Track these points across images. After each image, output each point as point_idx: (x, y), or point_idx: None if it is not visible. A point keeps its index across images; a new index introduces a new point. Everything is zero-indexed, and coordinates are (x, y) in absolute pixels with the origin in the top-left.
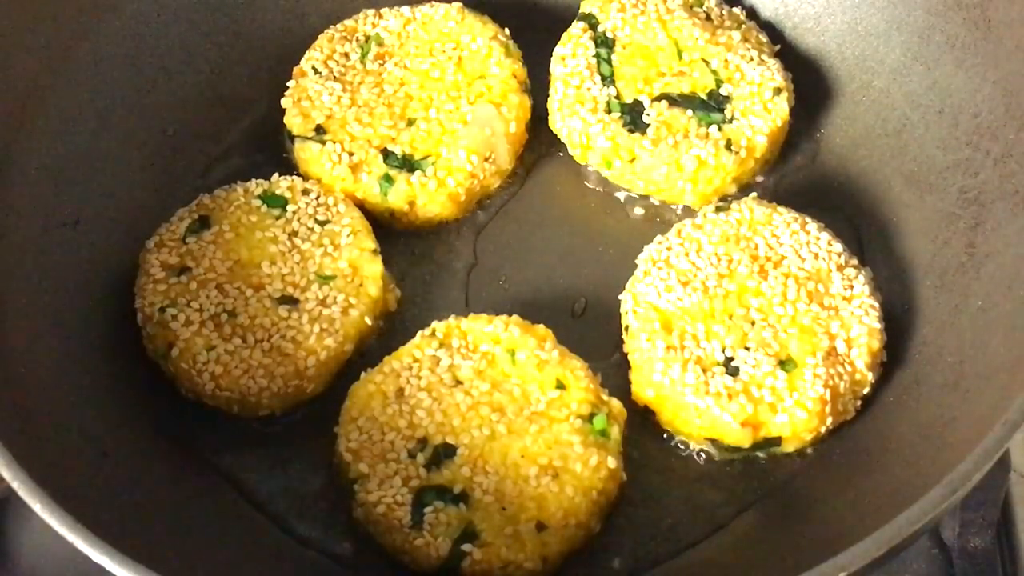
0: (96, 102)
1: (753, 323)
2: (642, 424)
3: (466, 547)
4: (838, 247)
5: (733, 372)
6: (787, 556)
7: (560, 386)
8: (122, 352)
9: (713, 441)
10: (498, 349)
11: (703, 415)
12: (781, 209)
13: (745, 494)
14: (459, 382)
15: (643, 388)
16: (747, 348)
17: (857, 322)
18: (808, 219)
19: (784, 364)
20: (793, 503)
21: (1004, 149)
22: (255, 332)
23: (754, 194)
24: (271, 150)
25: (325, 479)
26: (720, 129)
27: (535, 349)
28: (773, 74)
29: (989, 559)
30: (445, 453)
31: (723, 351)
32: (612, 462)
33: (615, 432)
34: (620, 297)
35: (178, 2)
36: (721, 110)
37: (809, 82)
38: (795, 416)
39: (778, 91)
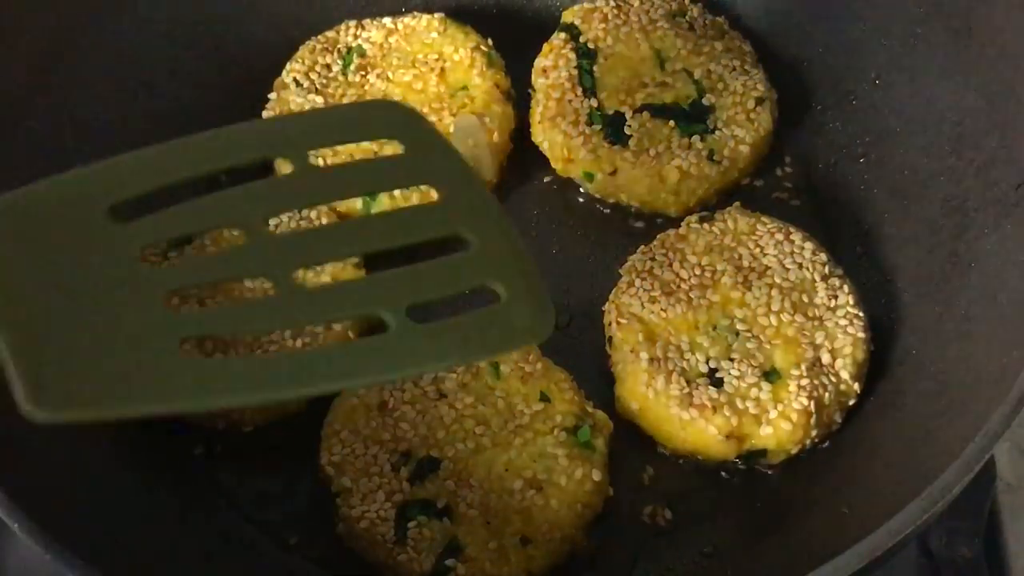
0: (76, 116)
1: (737, 334)
2: (627, 435)
3: (450, 562)
4: (823, 256)
5: (717, 384)
6: (769, 568)
7: (545, 398)
8: None
9: (698, 453)
10: (482, 361)
11: (687, 427)
12: (765, 219)
13: (728, 505)
14: (443, 395)
15: (627, 400)
16: (731, 359)
17: (842, 332)
18: (792, 228)
19: (768, 375)
20: (775, 514)
21: (987, 157)
22: (237, 347)
23: (737, 203)
24: (255, 164)
25: (314, 491)
26: (703, 139)
27: (519, 361)
28: (756, 84)
29: (976, 568)
30: (429, 466)
31: (707, 362)
32: (597, 475)
33: (600, 444)
34: (604, 308)
35: (158, 17)
36: (703, 120)
37: (792, 91)
38: (780, 428)
39: (761, 101)
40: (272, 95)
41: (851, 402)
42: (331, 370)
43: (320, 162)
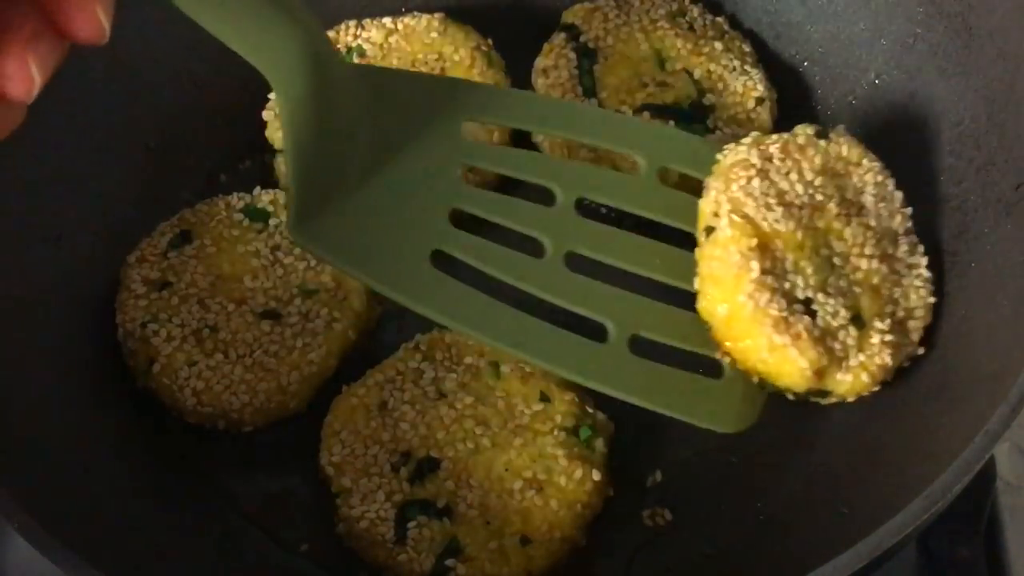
0: (77, 116)
1: (833, 267)
2: (629, 435)
3: (450, 562)
4: (908, 211)
5: (811, 315)
6: (769, 568)
7: (545, 399)
8: (105, 367)
9: (769, 376)
10: (482, 362)
11: (775, 351)
12: (871, 154)
13: (728, 506)
14: (443, 395)
15: (716, 303)
16: (827, 293)
17: (915, 293)
18: (890, 174)
19: (856, 320)
20: (775, 514)
21: (986, 157)
22: (237, 347)
23: (842, 126)
24: (255, 163)
25: (315, 491)
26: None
27: (519, 361)
28: (755, 84)
29: (976, 568)
30: (429, 467)
31: (805, 289)
32: (597, 475)
33: (600, 445)
34: (707, 187)
35: (160, 16)
36: (703, 120)
37: (792, 91)
38: (859, 379)
39: (760, 101)
40: (271, 95)
41: (906, 364)
42: (541, 346)
43: None
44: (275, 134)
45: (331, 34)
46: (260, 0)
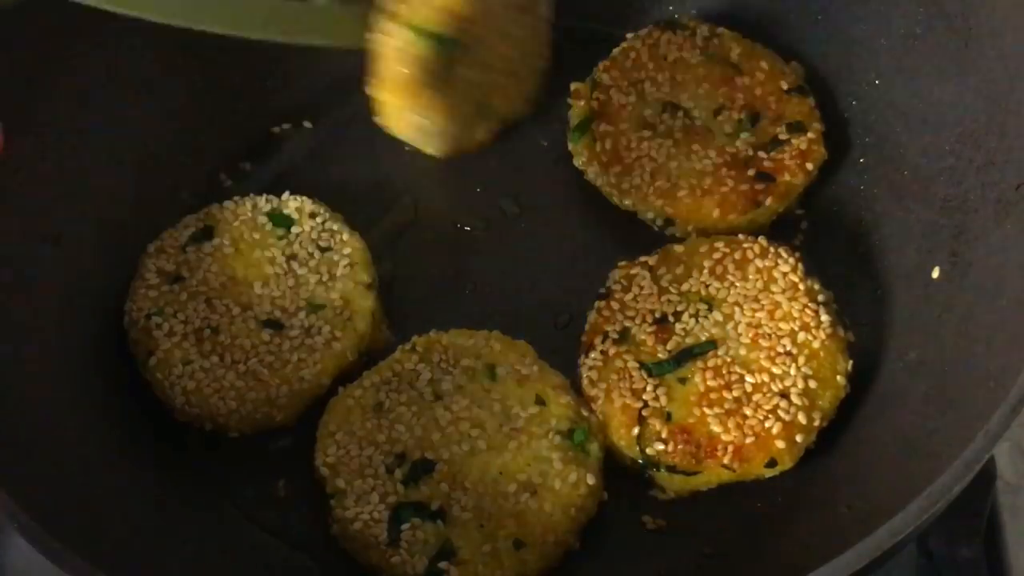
0: (76, 118)
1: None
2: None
3: (442, 565)
4: None
5: None
6: (769, 568)
7: (540, 402)
8: (105, 367)
9: None
10: (479, 364)
11: None
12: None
13: (728, 506)
14: (439, 397)
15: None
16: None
17: None
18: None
19: None
20: (775, 514)
21: (987, 157)
22: (234, 352)
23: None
24: (256, 164)
25: (313, 491)
26: None
27: (515, 364)
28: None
29: (976, 568)
30: (423, 468)
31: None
32: (591, 479)
33: (595, 448)
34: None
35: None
36: None
37: None
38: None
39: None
40: None
41: None
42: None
43: None
44: None
45: None
46: None
